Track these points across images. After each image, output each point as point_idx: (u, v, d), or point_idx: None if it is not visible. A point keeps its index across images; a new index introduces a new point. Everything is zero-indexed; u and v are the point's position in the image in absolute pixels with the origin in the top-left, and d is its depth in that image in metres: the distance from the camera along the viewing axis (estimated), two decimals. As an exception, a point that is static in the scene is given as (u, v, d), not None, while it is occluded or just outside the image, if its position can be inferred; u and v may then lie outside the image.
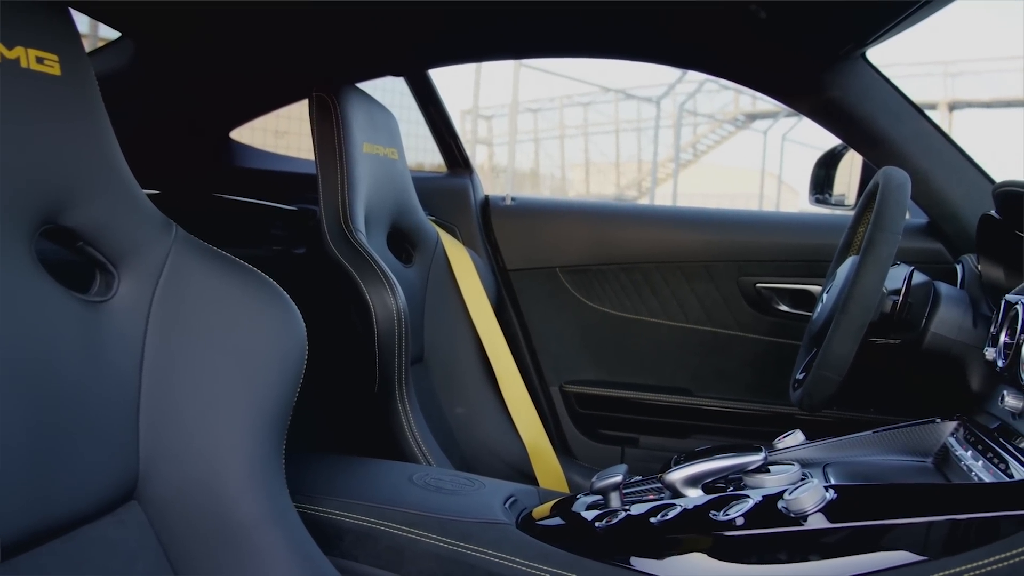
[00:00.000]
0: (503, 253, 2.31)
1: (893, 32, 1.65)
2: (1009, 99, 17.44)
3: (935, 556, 0.99)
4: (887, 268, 1.34)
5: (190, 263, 1.01)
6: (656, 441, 2.23)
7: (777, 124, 15.17)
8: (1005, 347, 1.28)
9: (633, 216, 2.36)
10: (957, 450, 1.34)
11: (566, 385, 2.31)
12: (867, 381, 1.81)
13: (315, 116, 1.72)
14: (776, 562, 1.06)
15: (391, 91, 2.36)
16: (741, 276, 2.20)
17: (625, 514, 1.16)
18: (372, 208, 1.78)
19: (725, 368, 2.23)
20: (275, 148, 2.51)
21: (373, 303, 1.60)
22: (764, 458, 1.24)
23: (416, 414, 1.66)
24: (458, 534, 1.15)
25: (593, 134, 16.09)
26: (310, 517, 1.18)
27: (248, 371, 1.00)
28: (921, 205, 1.98)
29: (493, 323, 2.06)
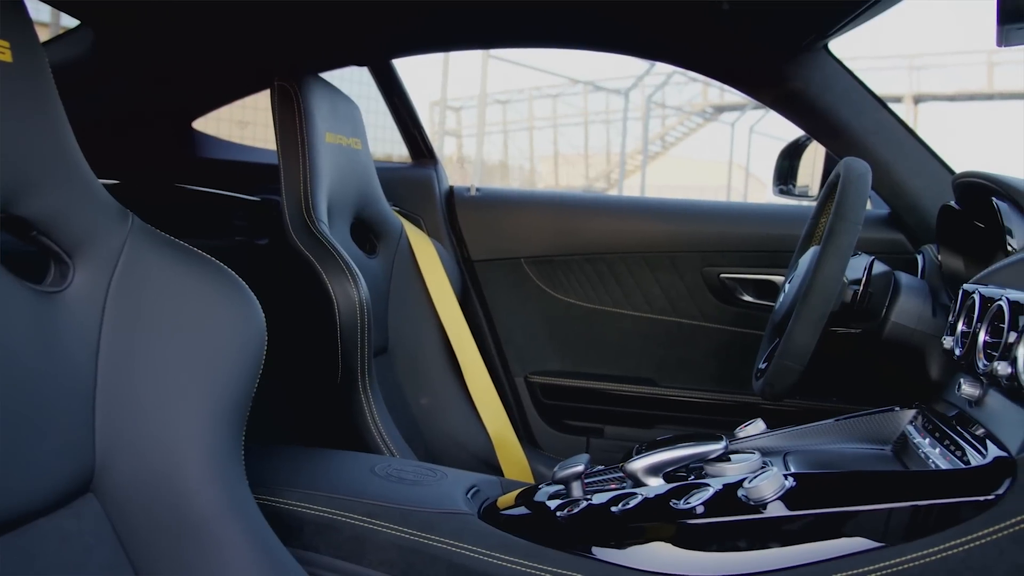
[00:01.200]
0: (468, 244, 2.31)
1: (854, 24, 1.66)
2: (972, 92, 17.63)
3: (892, 543, 1.00)
4: (847, 258, 1.35)
5: (147, 253, 1.00)
6: (621, 431, 2.24)
7: (744, 116, 15.22)
8: (962, 336, 1.29)
9: (598, 207, 2.37)
10: (915, 438, 1.35)
11: (531, 376, 2.31)
12: (829, 370, 1.82)
13: (277, 106, 1.70)
14: (736, 550, 1.06)
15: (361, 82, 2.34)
16: (705, 266, 2.21)
17: (586, 503, 1.16)
18: (335, 198, 1.77)
19: (689, 358, 2.24)
20: (238, 139, 2.49)
21: (335, 294, 1.59)
22: (725, 447, 1.24)
23: (379, 405, 1.65)
24: (420, 524, 1.15)
25: (562, 126, 16.10)
26: (271, 509, 1.17)
27: (206, 362, 0.99)
28: (882, 196, 2.00)
29: (458, 314, 2.06)
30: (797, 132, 2.11)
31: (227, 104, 2.16)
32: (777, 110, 1.99)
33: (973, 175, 1.57)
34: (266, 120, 1.74)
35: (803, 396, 2.04)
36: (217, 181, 2.11)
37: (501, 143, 16.24)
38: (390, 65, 2.24)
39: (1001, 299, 1.17)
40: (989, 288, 1.26)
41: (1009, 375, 1.07)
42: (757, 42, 1.79)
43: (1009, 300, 1.15)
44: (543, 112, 16.08)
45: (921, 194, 1.92)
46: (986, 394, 1.21)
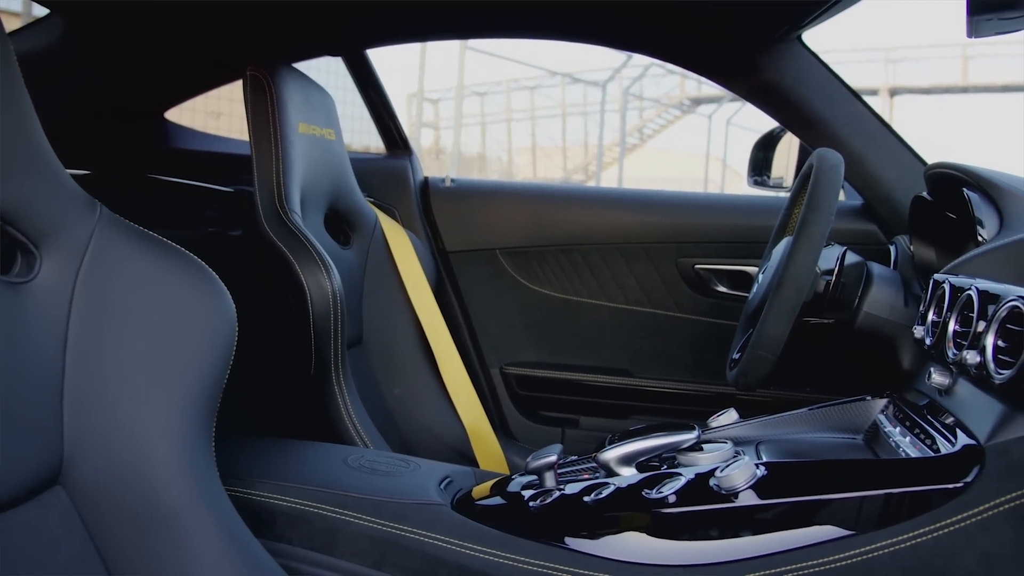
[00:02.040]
0: (443, 235, 2.30)
1: (827, 16, 1.66)
2: (947, 85, 17.75)
3: (863, 530, 1.01)
4: (820, 248, 1.36)
5: (115, 243, 0.99)
6: (596, 422, 2.24)
7: (722, 108, 15.28)
8: (933, 325, 1.30)
9: (573, 198, 2.37)
10: (886, 427, 1.36)
11: (506, 367, 2.31)
12: (803, 360, 1.83)
13: (249, 96, 1.69)
14: (708, 538, 1.07)
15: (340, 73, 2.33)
16: (680, 257, 2.21)
17: (559, 493, 1.17)
18: (308, 189, 1.76)
19: (664, 349, 2.24)
20: (213, 129, 2.48)
21: (308, 285, 1.58)
22: (697, 436, 1.25)
23: (353, 397, 1.65)
24: (392, 515, 1.15)
25: (540, 118, 16.10)
26: (242, 500, 1.16)
27: (175, 353, 0.98)
28: (856, 187, 2.01)
29: (432, 305, 2.05)
30: (774, 124, 2.11)
31: (200, 95, 2.14)
32: (751, 101, 2.00)
33: (944, 166, 1.58)
34: (240, 111, 1.73)
35: (777, 386, 2.04)
36: (190, 172, 2.09)
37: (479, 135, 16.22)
38: (364, 55, 2.23)
39: (970, 289, 1.18)
40: (959, 278, 1.27)
41: (978, 364, 1.08)
42: (731, 33, 1.79)
43: (978, 290, 1.16)
44: (521, 104, 16.08)
45: (894, 185, 1.93)
46: (956, 383, 1.22)
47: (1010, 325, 1.05)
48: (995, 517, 0.97)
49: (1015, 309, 1.04)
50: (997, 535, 0.97)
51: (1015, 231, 1.34)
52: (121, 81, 1.92)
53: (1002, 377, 1.02)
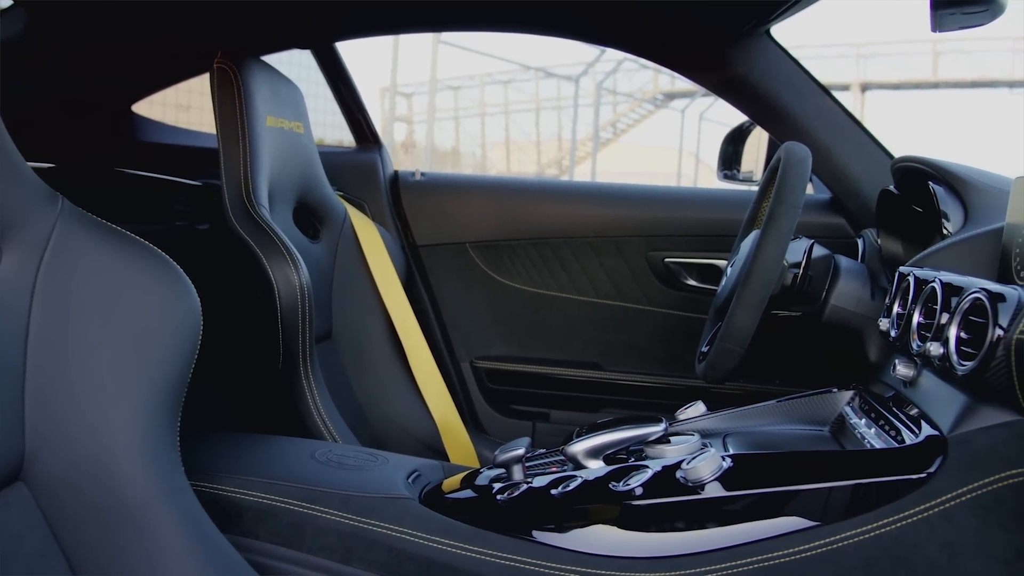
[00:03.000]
0: (413, 229, 2.30)
1: (793, 10, 1.67)
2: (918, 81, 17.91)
3: (827, 521, 1.02)
4: (787, 241, 1.36)
5: (77, 236, 0.98)
6: (567, 415, 2.25)
7: (694, 103, 15.33)
8: (898, 317, 1.31)
9: (543, 191, 2.37)
10: (852, 418, 1.37)
11: (477, 361, 2.31)
12: (771, 353, 1.84)
13: (216, 88, 1.68)
14: (675, 530, 1.08)
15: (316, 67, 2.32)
16: (650, 251, 2.21)
17: (527, 486, 1.17)
18: (276, 183, 1.75)
19: (635, 342, 2.25)
20: (180, 123, 2.46)
21: (275, 279, 1.57)
22: (664, 429, 1.25)
23: (322, 391, 1.64)
24: (359, 509, 1.14)
25: (514, 112, 16.10)
26: (208, 495, 1.16)
27: (139, 347, 0.97)
28: (824, 180, 2.02)
29: (402, 299, 2.05)
30: (745, 119, 2.12)
31: (168, 87, 2.13)
32: (720, 95, 2.00)
33: (911, 160, 1.59)
34: (209, 104, 1.71)
35: (746, 379, 2.05)
36: (158, 166, 2.08)
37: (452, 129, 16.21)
38: (334, 48, 2.22)
39: (934, 281, 1.19)
40: (924, 271, 1.28)
41: (941, 356, 1.09)
42: (699, 27, 1.80)
43: (942, 282, 1.17)
44: (494, 98, 16.07)
45: (861, 179, 1.94)
46: (920, 375, 1.23)
47: (972, 317, 1.06)
48: (957, 507, 0.98)
49: (977, 301, 1.04)
50: (959, 525, 0.98)
51: (979, 224, 1.35)
52: (87, 73, 1.90)
53: (964, 368, 1.03)
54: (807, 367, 1.97)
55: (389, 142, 12.96)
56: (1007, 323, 0.96)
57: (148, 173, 2.01)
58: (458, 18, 2.02)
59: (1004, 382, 0.96)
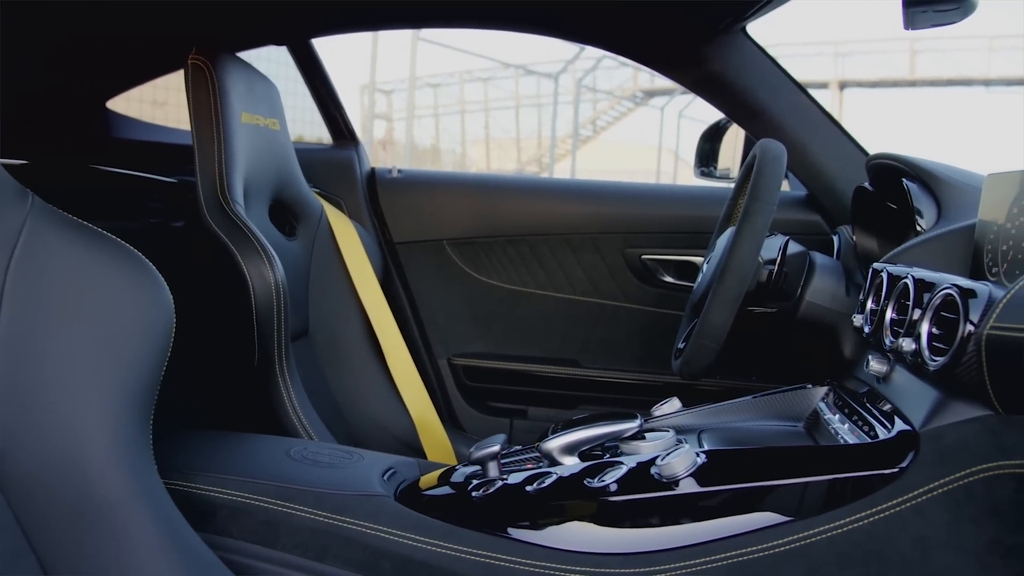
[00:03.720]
0: (390, 226, 2.29)
1: (769, 8, 1.68)
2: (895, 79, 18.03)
3: (800, 516, 1.03)
4: (762, 238, 1.37)
5: (48, 233, 0.97)
6: (544, 412, 2.25)
7: (674, 101, 15.36)
8: (871, 313, 1.31)
9: (520, 188, 2.37)
10: (826, 414, 1.37)
11: (454, 358, 2.31)
12: (748, 349, 1.85)
13: (190, 84, 1.67)
14: (648, 526, 1.08)
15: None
16: (627, 248, 2.22)
17: (502, 483, 1.17)
18: (252, 180, 1.74)
19: (612, 339, 2.25)
20: (155, 120, 2.44)
21: (250, 276, 1.56)
22: (639, 425, 1.25)
23: (298, 389, 1.64)
24: (334, 507, 1.14)
25: (494, 109, 16.09)
26: (181, 493, 1.15)
27: (110, 344, 0.97)
28: (800, 177, 2.03)
29: (379, 296, 2.04)
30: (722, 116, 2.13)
31: (143, 83, 2.11)
32: (697, 92, 2.01)
33: (885, 157, 1.60)
34: (184, 100, 1.70)
35: (723, 375, 2.06)
36: (133, 162, 2.06)
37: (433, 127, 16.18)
38: (310, 45, 2.22)
39: (907, 277, 1.19)
40: (897, 267, 1.29)
41: (913, 351, 1.10)
42: (675, 24, 1.80)
43: (914, 278, 1.17)
44: (474, 96, 16.06)
45: (837, 176, 1.95)
46: (893, 370, 1.24)
47: (944, 313, 1.06)
48: (929, 501, 0.99)
49: (948, 297, 1.05)
50: (931, 519, 0.99)
51: (952, 221, 1.36)
52: (61, 69, 1.89)
53: (936, 364, 1.04)
54: (783, 363, 1.98)
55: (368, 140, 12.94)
56: (978, 319, 0.97)
57: (123, 170, 2.00)
58: (436, 15, 2.02)
59: (975, 377, 0.96)
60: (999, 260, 1.16)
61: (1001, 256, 1.15)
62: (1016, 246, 1.12)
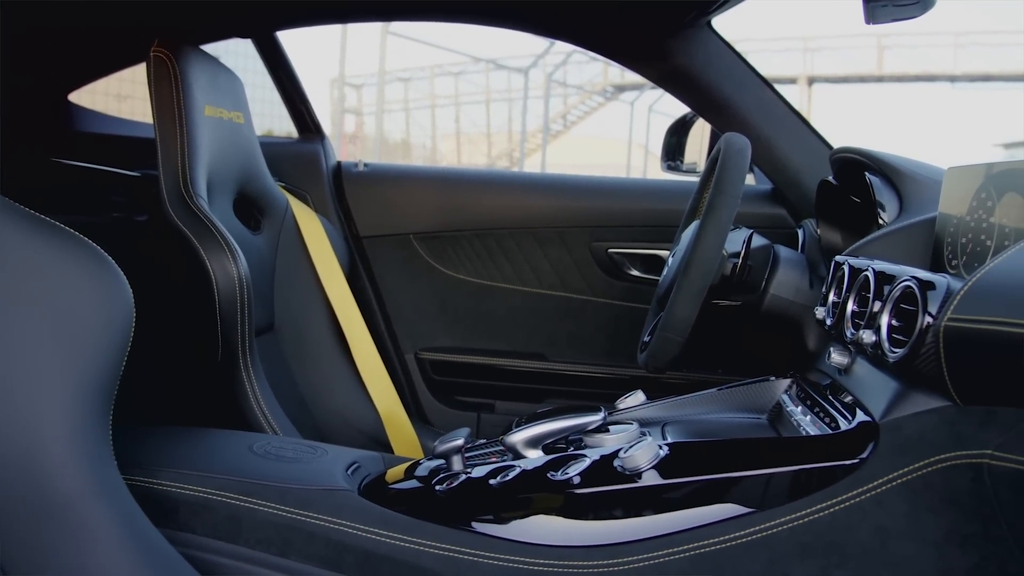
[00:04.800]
0: (356, 220, 2.28)
1: (733, 2, 1.69)
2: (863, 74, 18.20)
3: (762, 508, 1.03)
4: (726, 231, 1.37)
5: (5, 228, 0.96)
6: (512, 406, 2.25)
7: (643, 95, 15.41)
8: (833, 306, 1.32)
9: (486, 182, 2.36)
10: (789, 406, 1.38)
11: (421, 352, 2.30)
12: (714, 342, 1.85)
13: (153, 77, 1.65)
14: (612, 519, 1.08)
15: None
16: (593, 242, 2.22)
17: (465, 477, 1.17)
18: (215, 173, 1.73)
19: (579, 332, 2.26)
20: (118, 113, 2.42)
21: (214, 270, 1.55)
22: (603, 418, 1.26)
23: (262, 383, 1.63)
24: (297, 502, 1.13)
25: (464, 104, 16.09)
26: (143, 489, 1.14)
27: (69, 339, 0.96)
28: (765, 171, 2.04)
29: (345, 291, 2.03)
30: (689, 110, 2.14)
31: (105, 76, 2.09)
32: (662, 86, 2.01)
33: (848, 151, 1.61)
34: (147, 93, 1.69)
35: (689, 368, 2.07)
36: (95, 156, 2.04)
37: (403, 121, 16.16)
38: (274, 38, 2.20)
39: (867, 270, 1.20)
40: (858, 259, 1.30)
41: (874, 343, 1.10)
42: (641, 18, 1.81)
43: (875, 271, 1.18)
44: (445, 90, 16.05)
45: (801, 170, 1.96)
46: (854, 362, 1.25)
47: (904, 305, 1.07)
48: (888, 492, 1.00)
49: (908, 289, 1.06)
50: (890, 509, 1.00)
51: (913, 214, 1.38)
52: (21, 61, 1.86)
53: (895, 355, 1.04)
54: (748, 356, 1.99)
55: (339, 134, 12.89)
56: (936, 311, 0.98)
57: (85, 164, 1.98)
58: (403, 8, 2.01)
59: (933, 369, 0.97)
60: (959, 253, 1.17)
61: (961, 249, 1.16)
62: (975, 239, 1.13)
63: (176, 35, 1.72)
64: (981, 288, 0.93)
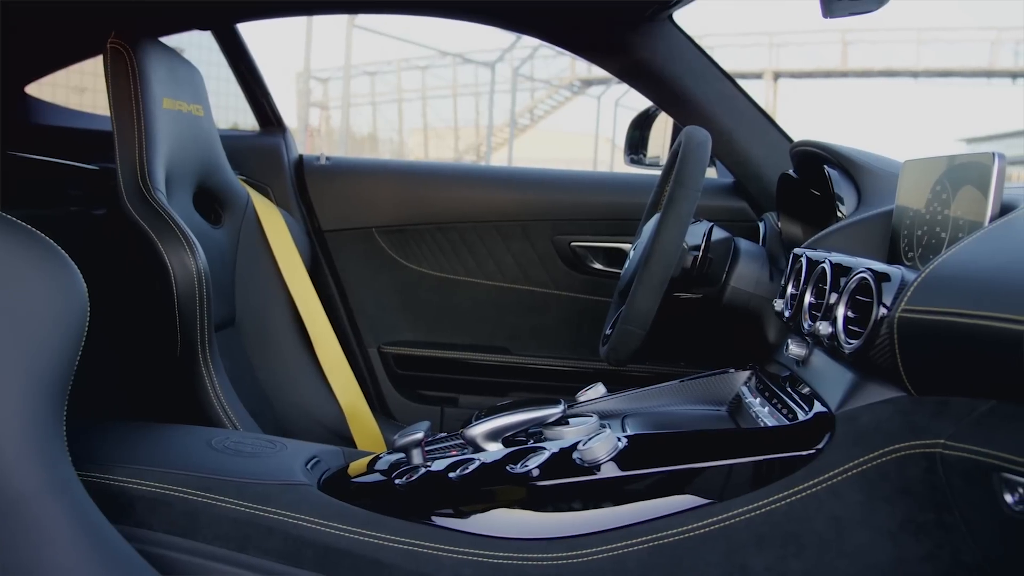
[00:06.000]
0: (318, 214, 2.27)
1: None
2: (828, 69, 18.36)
3: (719, 499, 1.04)
4: (686, 224, 1.38)
5: None
6: (475, 400, 2.24)
7: (610, 90, 15.45)
8: (791, 298, 1.33)
9: (449, 176, 2.36)
10: (748, 398, 1.39)
11: (384, 346, 2.29)
12: (676, 335, 1.86)
13: (110, 69, 1.63)
14: (571, 511, 1.08)
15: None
16: (556, 235, 2.22)
17: (425, 470, 1.16)
18: (174, 167, 1.71)
19: (542, 326, 2.26)
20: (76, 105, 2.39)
21: (172, 264, 1.53)
22: (562, 411, 1.26)
23: (222, 378, 1.61)
24: (255, 497, 1.13)
25: (432, 98, 16.06)
26: (99, 486, 1.13)
27: (19, 334, 0.94)
28: (726, 165, 2.05)
29: (307, 285, 2.02)
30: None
31: (62, 69, 2.06)
32: (625, 80, 2.02)
33: (807, 144, 1.62)
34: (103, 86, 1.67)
35: (652, 360, 2.08)
36: (52, 149, 2.01)
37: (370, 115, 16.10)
38: (234, 30, 2.18)
39: (824, 262, 1.21)
40: (816, 252, 1.31)
41: (830, 335, 1.11)
42: (602, 11, 1.81)
43: (831, 263, 1.19)
44: (412, 84, 16.01)
45: (762, 163, 1.97)
46: (812, 354, 1.26)
47: (859, 296, 1.08)
48: (844, 482, 1.01)
49: (863, 281, 1.07)
50: (846, 499, 1.01)
51: (871, 206, 1.39)
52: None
53: (851, 347, 1.05)
54: (710, 348, 2.00)
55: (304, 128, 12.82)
56: (890, 302, 0.99)
57: (42, 157, 1.95)
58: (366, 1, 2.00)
59: (888, 359, 0.98)
60: (914, 245, 1.18)
61: (916, 241, 1.17)
62: (931, 231, 1.14)
63: (134, 27, 1.70)
64: (934, 279, 0.93)
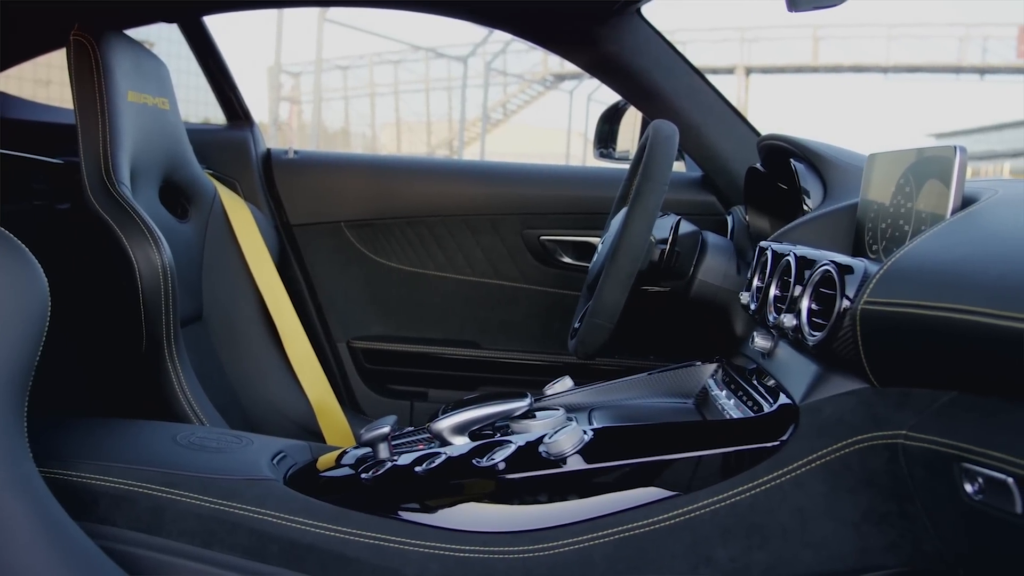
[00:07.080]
0: (286, 208, 2.25)
1: None
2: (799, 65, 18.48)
3: (684, 491, 1.04)
4: (654, 217, 1.38)
5: None
6: (445, 395, 2.24)
7: (582, 85, 15.47)
8: (757, 291, 1.34)
9: (417, 169, 2.35)
10: (714, 390, 1.40)
11: (353, 341, 2.28)
12: (644, 329, 1.87)
13: (73, 62, 1.61)
14: (537, 504, 1.08)
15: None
16: (525, 229, 2.22)
17: (391, 464, 1.16)
18: (140, 161, 1.70)
19: (511, 320, 2.26)
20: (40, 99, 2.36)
21: (136, 259, 1.52)
22: (529, 404, 1.26)
23: (188, 374, 1.60)
24: (220, 492, 1.12)
25: (404, 92, 16.02)
26: (61, 482, 1.12)
27: None
28: (694, 159, 2.05)
29: (275, 279, 2.01)
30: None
31: (25, 61, 2.04)
32: (593, 74, 2.01)
33: (774, 138, 1.62)
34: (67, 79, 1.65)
35: (620, 354, 2.08)
36: (15, 142, 1.99)
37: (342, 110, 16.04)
38: (201, 22, 2.16)
39: (789, 255, 1.22)
40: (781, 245, 1.31)
41: (794, 327, 1.12)
42: (570, 4, 1.80)
43: (796, 255, 1.20)
44: (385, 79, 15.97)
45: (730, 157, 1.98)
46: (777, 346, 1.26)
47: (823, 289, 1.09)
48: (807, 473, 1.02)
49: (827, 273, 1.08)
50: (809, 490, 1.01)
51: (837, 200, 1.39)
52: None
53: (815, 339, 1.06)
54: (679, 341, 2.00)
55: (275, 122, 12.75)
56: (853, 294, 0.99)
57: (5, 151, 1.93)
58: None
59: (851, 351, 0.99)
60: (879, 238, 1.18)
61: (880, 234, 1.18)
62: (894, 224, 1.14)
63: (98, 19, 1.69)
64: (896, 272, 0.94)
